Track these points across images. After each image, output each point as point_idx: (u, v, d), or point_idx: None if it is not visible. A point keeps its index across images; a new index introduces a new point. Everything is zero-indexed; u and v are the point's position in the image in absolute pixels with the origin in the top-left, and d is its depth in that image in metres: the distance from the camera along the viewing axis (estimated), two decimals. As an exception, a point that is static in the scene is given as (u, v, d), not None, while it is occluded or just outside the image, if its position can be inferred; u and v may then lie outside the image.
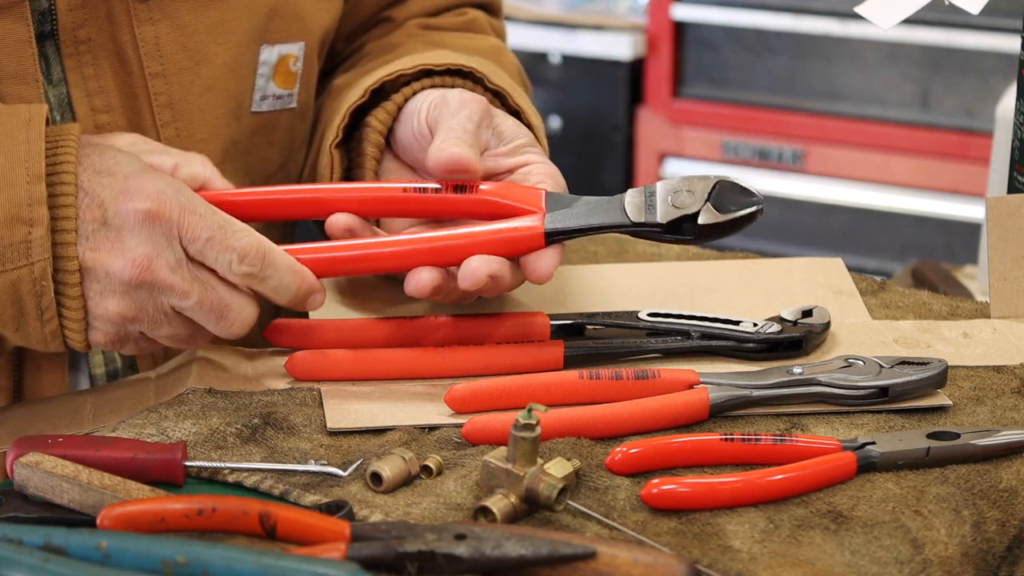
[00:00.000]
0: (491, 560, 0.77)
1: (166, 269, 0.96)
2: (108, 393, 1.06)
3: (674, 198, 1.00)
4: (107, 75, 1.10)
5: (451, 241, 1.00)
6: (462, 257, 0.99)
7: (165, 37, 1.11)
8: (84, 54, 1.09)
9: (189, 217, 0.97)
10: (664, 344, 1.06)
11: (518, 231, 1.00)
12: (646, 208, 1.00)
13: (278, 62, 1.18)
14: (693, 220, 1.00)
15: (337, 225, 1.04)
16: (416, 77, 1.12)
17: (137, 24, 1.10)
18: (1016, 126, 1.22)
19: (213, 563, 0.73)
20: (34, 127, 0.96)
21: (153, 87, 1.11)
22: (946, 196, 2.78)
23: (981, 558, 0.88)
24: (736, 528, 0.85)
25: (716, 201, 1.00)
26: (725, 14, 2.92)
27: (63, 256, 0.95)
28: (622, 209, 1.01)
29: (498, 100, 1.13)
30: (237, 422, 0.96)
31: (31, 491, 0.86)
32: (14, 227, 0.95)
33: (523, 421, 0.85)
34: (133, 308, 0.97)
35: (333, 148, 1.12)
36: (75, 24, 1.08)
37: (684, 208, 1.00)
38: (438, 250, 1.00)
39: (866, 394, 0.99)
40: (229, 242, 0.97)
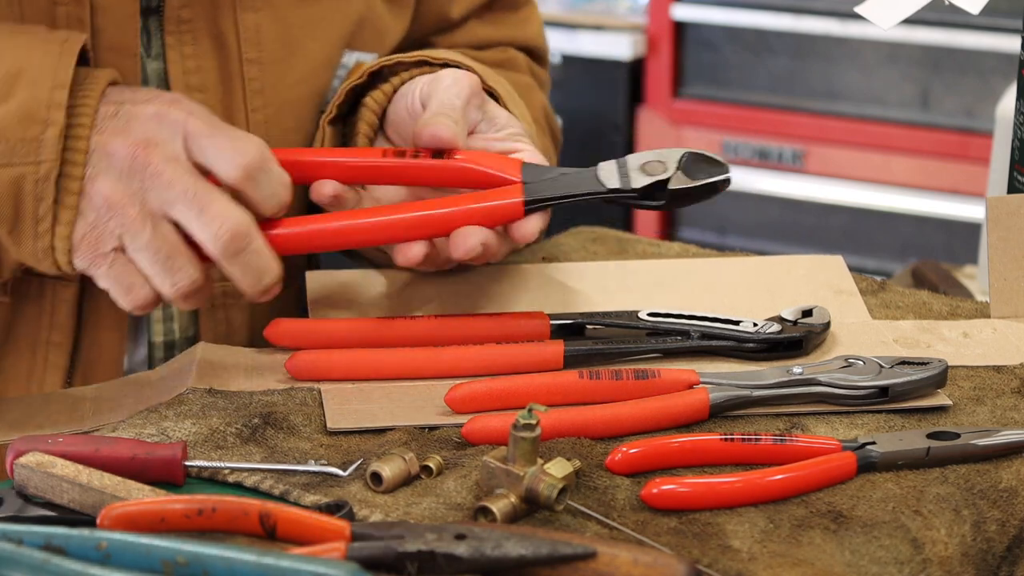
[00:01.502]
0: (491, 560, 0.77)
1: (162, 157, 0.96)
2: (108, 391, 1.06)
3: (646, 167, 1.04)
4: (206, 55, 1.12)
5: (434, 212, 1.02)
6: (445, 228, 1.02)
7: (265, 26, 1.14)
8: (185, 33, 1.11)
9: (193, 119, 0.98)
10: (664, 344, 1.06)
11: (499, 202, 1.02)
12: (620, 176, 1.04)
13: (353, 68, 1.20)
14: (664, 187, 1.03)
15: (323, 192, 1.05)
16: (414, 65, 1.14)
17: (240, 10, 1.13)
18: (1016, 126, 1.22)
19: (213, 563, 0.73)
20: (69, 47, 0.98)
21: (248, 72, 1.14)
22: (946, 196, 2.78)
23: (981, 558, 0.88)
24: (736, 528, 0.85)
25: (686, 170, 1.03)
26: (725, 14, 2.92)
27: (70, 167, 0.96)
28: (596, 178, 1.04)
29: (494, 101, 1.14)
30: (237, 422, 0.96)
31: (31, 491, 0.86)
32: (28, 124, 0.96)
33: (523, 421, 0.85)
34: (121, 193, 0.96)
35: (326, 123, 1.13)
36: (181, 3, 1.10)
37: (656, 175, 1.03)
38: (421, 221, 1.02)
39: (866, 394, 0.99)
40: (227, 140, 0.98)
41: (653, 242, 1.30)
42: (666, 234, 3.03)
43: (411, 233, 1.02)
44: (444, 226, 1.02)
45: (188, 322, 1.17)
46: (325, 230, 1.02)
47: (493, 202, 1.02)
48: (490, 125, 1.10)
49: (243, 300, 1.18)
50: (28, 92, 0.96)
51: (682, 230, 3.05)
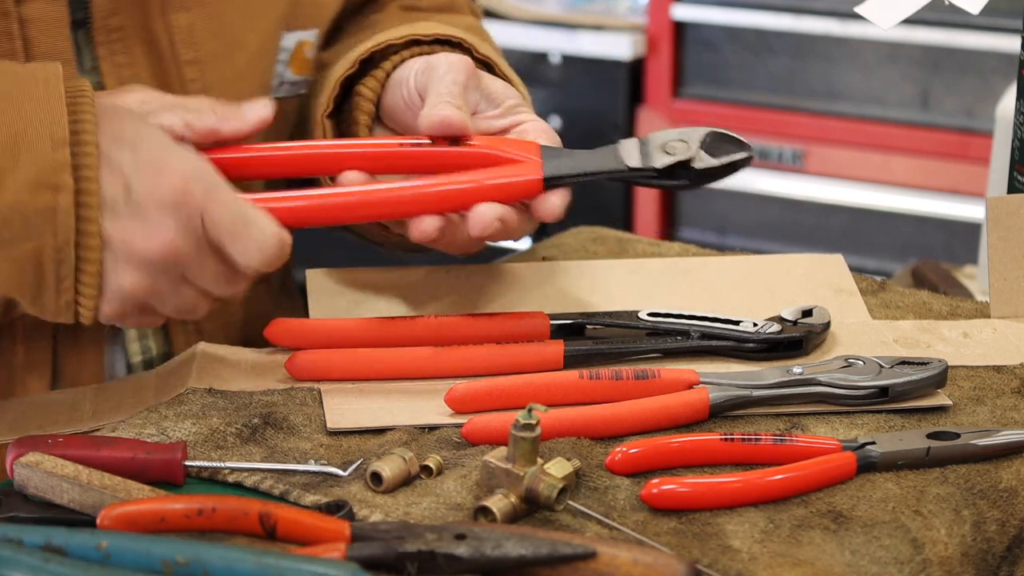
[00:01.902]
0: (491, 560, 0.77)
1: (188, 249, 0.95)
2: (108, 391, 1.06)
3: (667, 146, 1.03)
4: (140, 63, 1.10)
5: (452, 186, 1.01)
6: (463, 203, 1.01)
7: (199, 24, 1.11)
8: (116, 42, 1.09)
9: (214, 205, 0.95)
10: (664, 344, 1.06)
11: (518, 177, 1.01)
12: (641, 155, 1.03)
13: (295, 49, 1.18)
14: (687, 166, 1.02)
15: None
16: (404, 47, 1.13)
17: (171, 11, 1.10)
18: (1016, 126, 1.22)
19: (213, 563, 0.73)
20: (53, 87, 0.94)
21: (188, 74, 1.12)
22: (946, 196, 2.77)
23: (981, 558, 0.88)
24: (736, 528, 0.85)
25: (708, 149, 1.02)
26: (725, 14, 2.91)
27: (86, 226, 0.94)
28: (617, 156, 1.03)
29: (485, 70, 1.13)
30: (237, 422, 0.96)
31: (31, 491, 0.86)
32: (39, 193, 0.92)
33: (523, 421, 0.85)
34: (148, 285, 0.96)
35: (324, 119, 1.12)
36: (108, 12, 1.08)
37: (677, 155, 1.02)
38: (440, 196, 1.01)
39: (866, 394, 0.99)
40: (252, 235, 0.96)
41: (653, 242, 1.30)
42: (666, 234, 3.02)
43: (426, 207, 1.01)
44: (460, 201, 1.01)
45: (162, 339, 1.16)
46: (337, 203, 1.01)
47: (511, 178, 1.01)
48: (489, 103, 1.09)
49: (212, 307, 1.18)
50: (27, 157, 0.92)
51: (682, 230, 3.05)
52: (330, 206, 1.01)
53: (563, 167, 1.02)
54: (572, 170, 1.02)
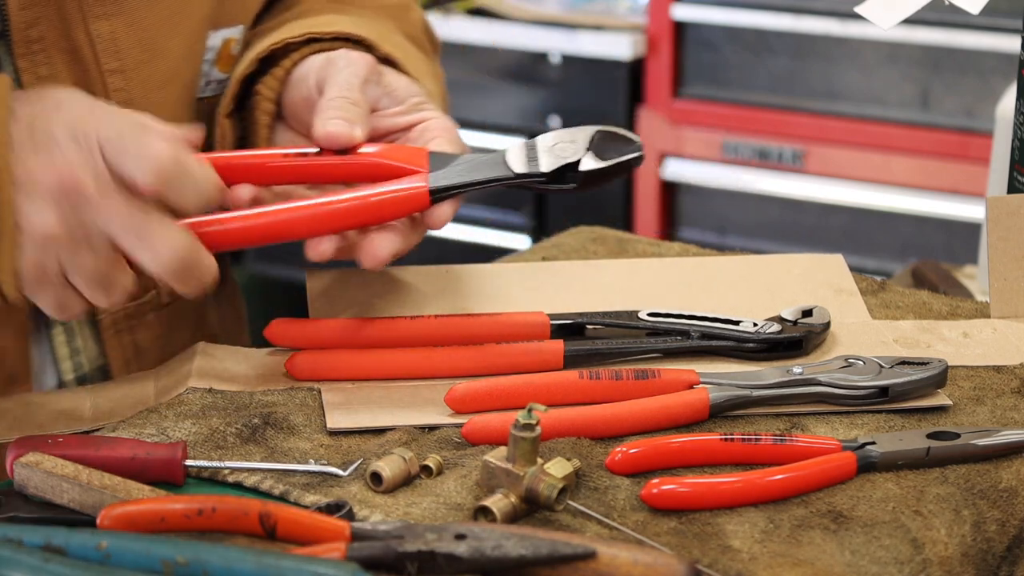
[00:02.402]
0: (491, 560, 0.77)
1: (91, 183, 0.93)
2: (107, 391, 1.06)
3: (555, 148, 1.01)
4: (62, 74, 1.07)
5: (341, 205, 1.00)
6: (354, 222, 1.00)
7: (121, 32, 1.09)
8: (37, 53, 1.06)
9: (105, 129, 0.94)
10: (664, 344, 1.06)
11: (404, 193, 1.00)
12: (528, 160, 1.02)
13: (222, 46, 1.17)
14: (575, 168, 1.01)
15: (242, 197, 1.02)
16: (304, 44, 1.12)
17: (91, 20, 1.08)
18: (1016, 126, 1.22)
19: (213, 563, 0.73)
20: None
21: (112, 83, 1.10)
22: (946, 196, 2.77)
23: (981, 558, 0.88)
24: (736, 528, 0.85)
25: (597, 150, 1.01)
26: (725, 14, 2.91)
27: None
28: (504, 163, 1.02)
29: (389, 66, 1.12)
30: (237, 422, 0.96)
31: (31, 491, 0.86)
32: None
33: (523, 421, 0.85)
34: (54, 223, 0.93)
35: (224, 118, 1.11)
36: (27, 23, 1.05)
37: (566, 157, 1.01)
38: (330, 214, 1.00)
39: (866, 394, 0.99)
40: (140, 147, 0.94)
41: (653, 242, 1.30)
42: (666, 234, 3.02)
43: (316, 228, 1.00)
44: (351, 219, 1.00)
45: (95, 352, 1.15)
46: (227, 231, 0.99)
47: (399, 192, 1.00)
48: (392, 99, 1.08)
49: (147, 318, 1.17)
50: None
51: (682, 230, 3.05)
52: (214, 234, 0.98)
53: (450, 178, 1.01)
54: (458, 180, 1.01)
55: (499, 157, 1.02)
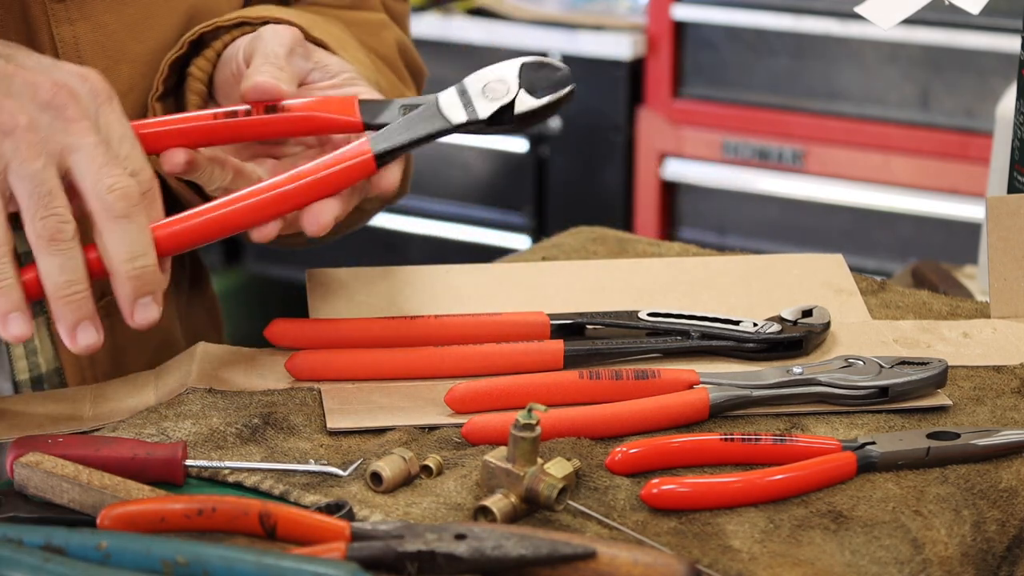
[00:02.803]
0: (491, 560, 0.77)
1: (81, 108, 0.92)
2: (107, 391, 1.06)
3: (487, 89, 0.99)
4: None
5: (288, 187, 0.98)
6: (303, 201, 0.98)
7: (84, 37, 1.09)
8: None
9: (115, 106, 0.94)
10: (664, 344, 1.06)
11: (350, 161, 0.98)
12: (464, 106, 0.99)
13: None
14: (511, 110, 0.98)
15: (176, 162, 1.01)
16: (234, 27, 1.11)
17: (55, 24, 1.08)
18: (1016, 126, 1.22)
19: (213, 563, 0.73)
20: None
21: None
22: (946, 196, 2.77)
23: (981, 558, 0.88)
24: (736, 528, 0.85)
25: (529, 85, 0.98)
26: (725, 14, 2.91)
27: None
28: (440, 113, 0.99)
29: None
30: (237, 422, 0.96)
31: (31, 491, 0.86)
32: None
33: (523, 421, 0.85)
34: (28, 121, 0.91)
35: (155, 101, 1.11)
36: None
37: (500, 98, 0.98)
38: (277, 200, 0.98)
39: (866, 394, 0.99)
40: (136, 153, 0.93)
41: (653, 242, 1.30)
42: (666, 234, 3.02)
43: (269, 214, 0.98)
44: (300, 198, 0.98)
45: (51, 354, 1.14)
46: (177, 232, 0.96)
47: (344, 163, 0.98)
48: (323, 73, 1.07)
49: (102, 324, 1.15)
50: None
51: (682, 230, 3.05)
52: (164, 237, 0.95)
53: (391, 138, 0.98)
54: (402, 140, 0.98)
55: (433, 107, 0.99)
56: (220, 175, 1.05)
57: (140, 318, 0.93)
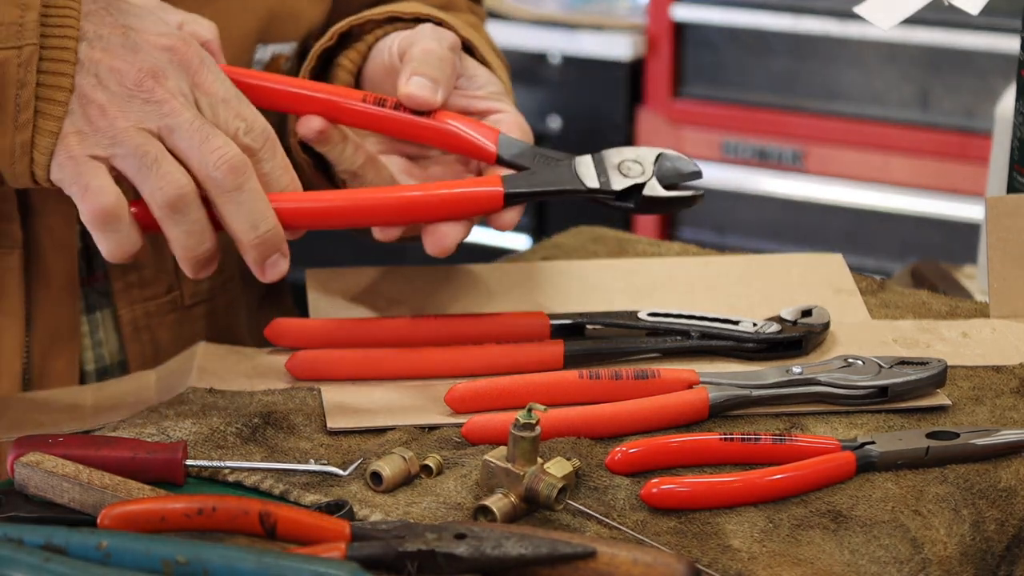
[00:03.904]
0: (491, 559, 0.77)
1: (169, 90, 0.93)
2: (109, 389, 1.06)
3: (622, 166, 1.03)
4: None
5: (414, 195, 1.00)
6: (425, 215, 1.00)
7: None
8: None
9: (207, 72, 0.95)
10: (664, 344, 1.06)
11: (479, 190, 1.01)
12: (599, 175, 1.02)
13: (270, 61, 1.18)
14: (639, 191, 1.02)
15: (311, 127, 1.03)
16: (386, 22, 1.12)
17: None
18: (1016, 126, 1.22)
19: (213, 562, 0.73)
20: None
21: None
22: (945, 196, 2.78)
23: (980, 557, 0.88)
24: (736, 528, 0.85)
25: (660, 174, 1.02)
26: (725, 14, 2.91)
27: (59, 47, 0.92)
28: (575, 174, 1.02)
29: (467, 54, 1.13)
30: (237, 422, 0.96)
31: (31, 490, 0.86)
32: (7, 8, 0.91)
33: (523, 421, 0.85)
34: (117, 109, 0.92)
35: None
36: None
37: (634, 178, 1.02)
38: (401, 205, 1.00)
39: (865, 394, 0.99)
40: (242, 109, 0.95)
41: (653, 242, 1.30)
42: (666, 234, 3.02)
43: (392, 219, 1.01)
44: (424, 212, 1.00)
45: (116, 347, 1.16)
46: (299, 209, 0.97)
47: (476, 192, 1.01)
48: (470, 82, 1.08)
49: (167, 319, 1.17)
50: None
51: (682, 230, 3.05)
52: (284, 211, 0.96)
53: (523, 182, 1.02)
54: (532, 187, 1.02)
55: (569, 167, 1.03)
56: (352, 157, 1.06)
57: (271, 275, 0.96)
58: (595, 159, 1.03)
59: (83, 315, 1.15)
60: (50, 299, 1.11)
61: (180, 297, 1.18)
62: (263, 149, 0.95)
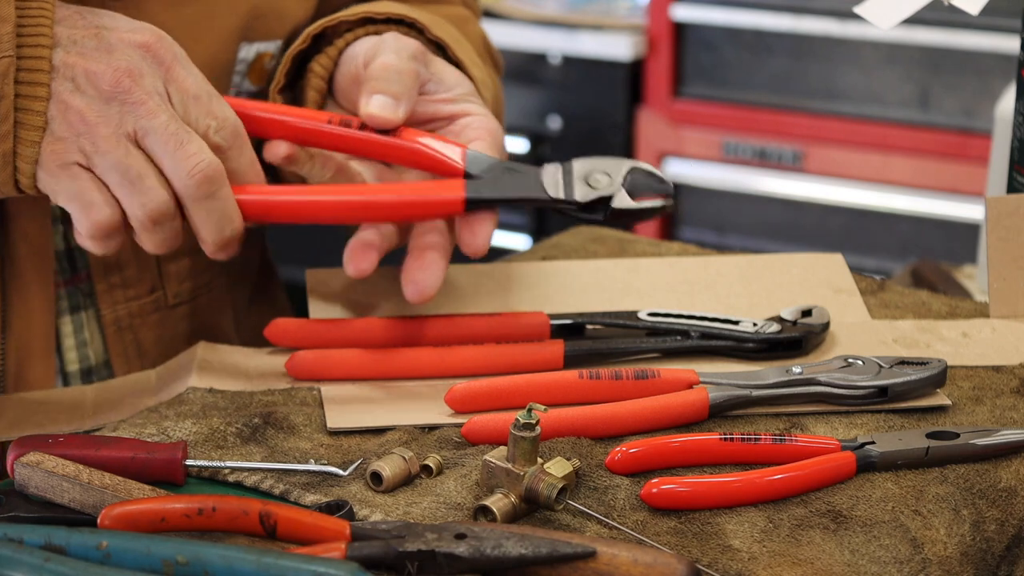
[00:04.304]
0: (491, 560, 0.77)
1: (145, 89, 0.95)
2: (109, 389, 1.06)
3: (590, 178, 1.03)
4: None
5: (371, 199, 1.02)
6: (387, 216, 1.02)
7: None
8: None
9: (180, 68, 0.97)
10: (664, 344, 1.06)
11: (440, 197, 1.01)
12: (564, 185, 1.03)
13: (255, 60, 1.18)
14: (607, 202, 1.02)
15: (277, 153, 1.05)
16: (358, 24, 1.12)
17: None
18: (1015, 126, 1.23)
19: (213, 562, 0.73)
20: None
21: None
22: (945, 196, 2.78)
23: (980, 557, 0.88)
24: (736, 528, 0.85)
25: (630, 186, 1.02)
26: (725, 14, 2.92)
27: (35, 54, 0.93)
28: (540, 183, 1.03)
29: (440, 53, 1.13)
30: (237, 422, 0.96)
31: (32, 491, 0.86)
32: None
33: (523, 421, 0.85)
34: (96, 113, 0.94)
35: (276, 93, 1.12)
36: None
37: (600, 190, 1.02)
38: (359, 205, 1.02)
39: (865, 394, 0.99)
40: (212, 106, 0.97)
41: (653, 242, 1.30)
42: (666, 234, 3.03)
43: (350, 217, 1.02)
44: (383, 212, 1.02)
45: (101, 347, 1.16)
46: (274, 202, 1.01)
47: (435, 196, 1.01)
48: (439, 85, 1.09)
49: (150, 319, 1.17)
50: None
51: (682, 230, 3.05)
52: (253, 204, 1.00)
53: (486, 188, 1.02)
54: (494, 194, 1.02)
55: (534, 176, 1.03)
56: (320, 172, 1.08)
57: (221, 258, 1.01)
58: (564, 169, 1.04)
59: (67, 315, 1.14)
60: (26, 305, 1.10)
61: (163, 297, 1.17)
62: (232, 147, 0.98)
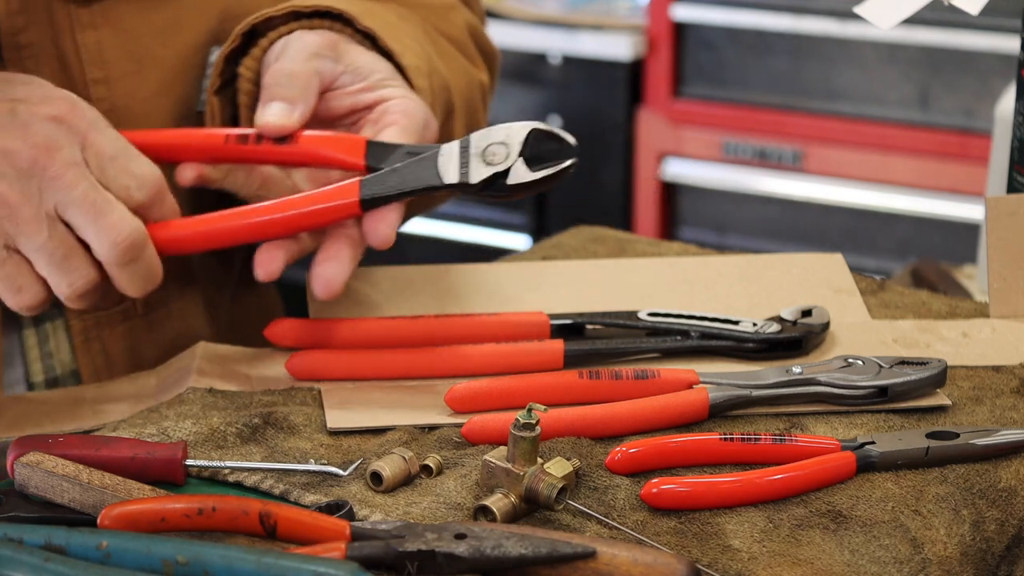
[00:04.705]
0: (491, 560, 0.77)
1: (63, 161, 0.95)
2: (109, 389, 1.06)
3: (487, 152, 0.99)
4: (51, 81, 1.05)
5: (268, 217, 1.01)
6: (287, 230, 1.01)
7: (108, 42, 1.09)
8: (26, 59, 1.06)
9: (96, 133, 0.97)
10: (663, 344, 1.06)
11: (335, 202, 1.00)
12: (460, 167, 1.00)
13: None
14: (503, 178, 0.99)
15: (186, 178, 1.05)
16: (285, 20, 1.11)
17: (78, 29, 1.08)
18: (1015, 126, 1.22)
19: (213, 562, 0.73)
20: None
21: (95, 93, 1.09)
22: (945, 196, 2.78)
23: (980, 557, 0.88)
24: (736, 528, 0.85)
25: (530, 153, 0.99)
26: (725, 14, 2.92)
27: None
28: (435, 170, 1.00)
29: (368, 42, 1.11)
30: (237, 422, 0.96)
31: (31, 491, 0.86)
32: None
33: (523, 421, 0.85)
34: (16, 193, 0.94)
35: (212, 95, 1.11)
36: (15, 29, 1.05)
37: (496, 165, 0.99)
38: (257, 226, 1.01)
39: (865, 394, 0.99)
40: (129, 165, 0.97)
41: (653, 242, 1.30)
42: (666, 234, 3.03)
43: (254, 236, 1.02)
44: (282, 229, 1.01)
45: (69, 357, 1.14)
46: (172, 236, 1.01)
47: (330, 203, 1.00)
48: (354, 75, 1.07)
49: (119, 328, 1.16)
50: None
51: (682, 230, 3.06)
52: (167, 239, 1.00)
53: (381, 185, 1.00)
54: (389, 190, 1.00)
55: (432, 160, 1.01)
56: (245, 183, 1.08)
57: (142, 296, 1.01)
58: (461, 145, 1.00)
59: (31, 327, 1.13)
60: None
61: (133, 306, 1.16)
62: (155, 202, 0.99)
